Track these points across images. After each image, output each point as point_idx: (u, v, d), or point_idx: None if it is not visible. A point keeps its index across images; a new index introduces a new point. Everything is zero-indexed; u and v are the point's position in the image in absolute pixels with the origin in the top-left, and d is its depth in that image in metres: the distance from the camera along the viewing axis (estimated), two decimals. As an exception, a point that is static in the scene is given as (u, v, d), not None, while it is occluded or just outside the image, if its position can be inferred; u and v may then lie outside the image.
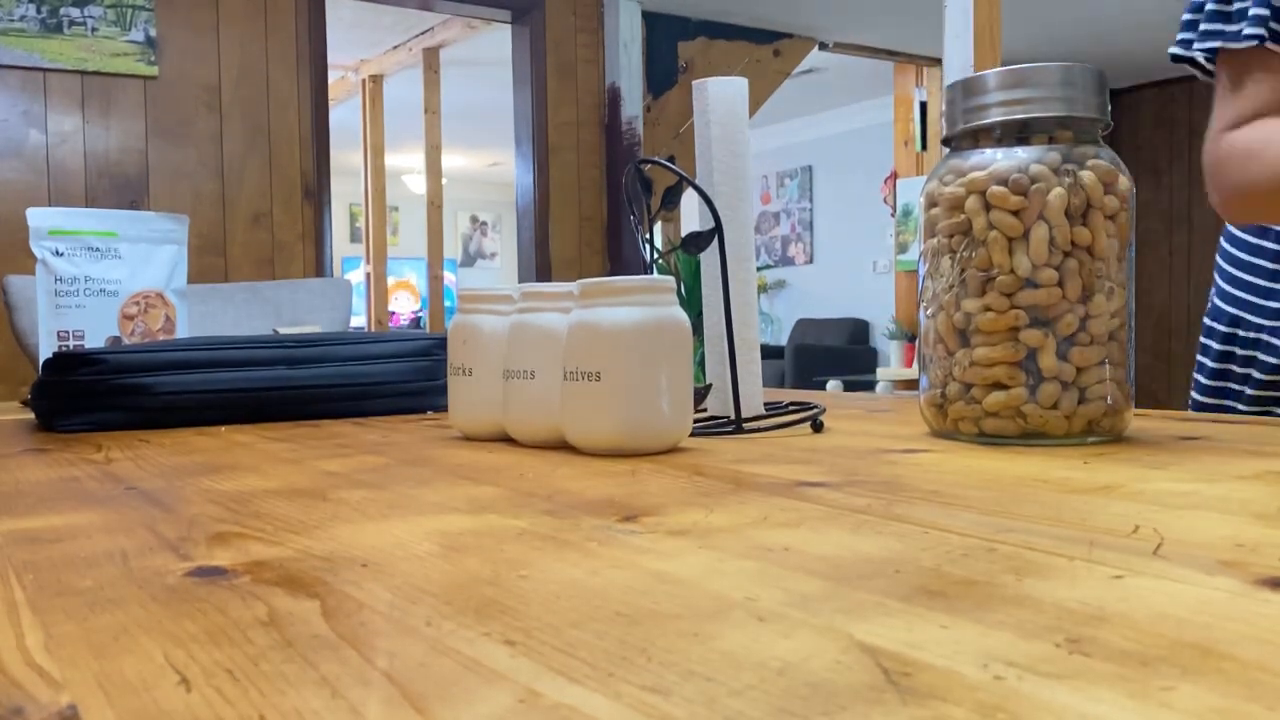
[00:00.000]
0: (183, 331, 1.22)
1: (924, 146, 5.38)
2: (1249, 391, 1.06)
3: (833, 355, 6.82)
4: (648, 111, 4.25)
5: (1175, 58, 0.98)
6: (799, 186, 7.98)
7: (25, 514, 0.45)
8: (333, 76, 5.67)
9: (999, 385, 0.59)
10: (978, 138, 0.62)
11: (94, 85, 3.11)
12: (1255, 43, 0.89)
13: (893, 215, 5.71)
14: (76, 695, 0.22)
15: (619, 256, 4.08)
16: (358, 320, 6.42)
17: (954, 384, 0.61)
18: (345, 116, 6.56)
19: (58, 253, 1.14)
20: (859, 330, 7.36)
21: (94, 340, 1.15)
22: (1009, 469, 0.50)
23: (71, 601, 0.30)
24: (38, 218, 1.14)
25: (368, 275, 5.87)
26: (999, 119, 0.60)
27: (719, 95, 0.77)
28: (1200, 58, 0.95)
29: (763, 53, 4.62)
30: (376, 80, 5.93)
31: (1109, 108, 0.62)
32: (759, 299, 4.02)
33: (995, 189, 0.59)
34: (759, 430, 0.71)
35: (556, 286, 0.66)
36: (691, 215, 6.49)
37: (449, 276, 10.06)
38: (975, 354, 0.60)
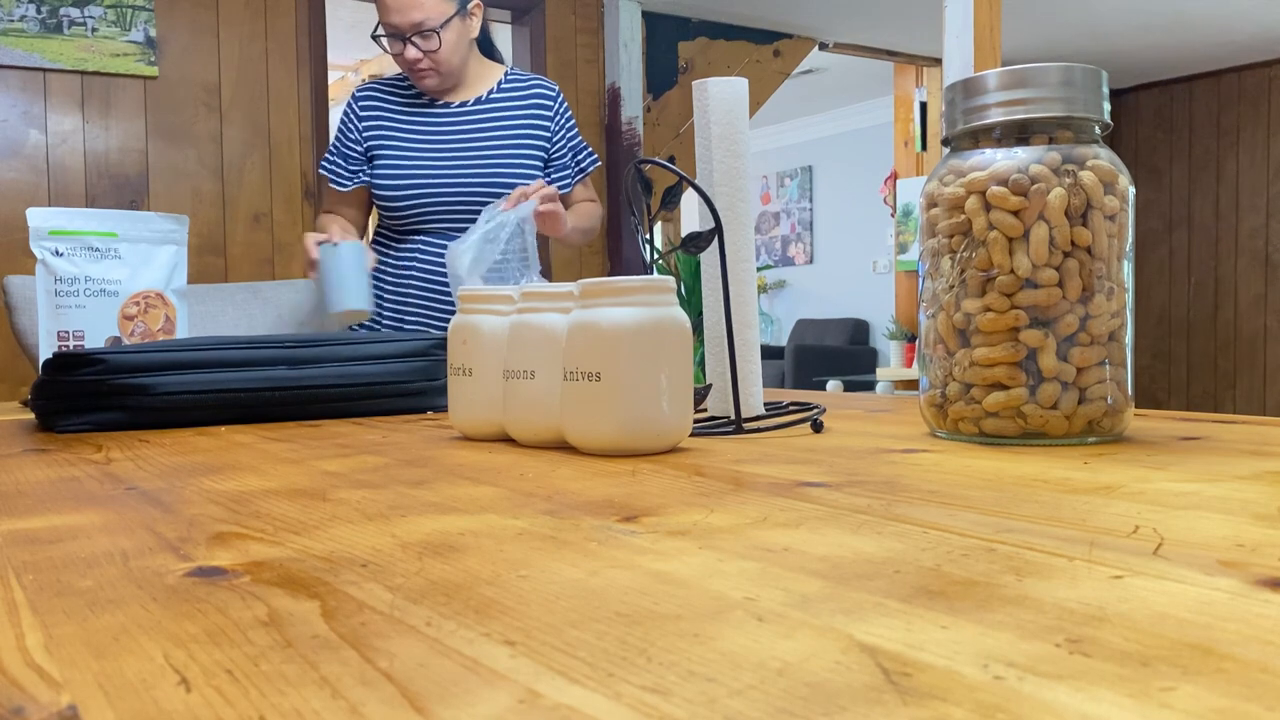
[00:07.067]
0: (183, 331, 1.22)
1: (924, 146, 5.37)
2: None
3: (833, 355, 6.81)
4: (648, 111, 4.25)
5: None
6: (799, 186, 7.97)
7: (25, 514, 0.45)
8: (333, 76, 5.67)
9: (999, 385, 0.59)
10: (978, 138, 0.62)
11: (94, 85, 3.11)
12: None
13: (893, 215, 5.71)
14: (76, 695, 0.22)
15: (619, 256, 4.07)
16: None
17: (954, 384, 0.61)
18: (345, 117, 6.54)
19: (58, 253, 1.14)
20: (859, 330, 7.36)
21: (94, 340, 1.15)
22: (1009, 469, 0.50)
23: (71, 601, 0.30)
24: (38, 218, 1.14)
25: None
26: (999, 119, 0.60)
27: (719, 95, 0.77)
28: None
29: (763, 53, 4.62)
30: (376, 80, 5.91)
31: (1109, 108, 0.62)
32: (759, 299, 4.02)
33: (995, 189, 0.59)
34: (759, 430, 0.71)
35: (556, 286, 0.66)
36: (691, 215, 6.49)
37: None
38: (975, 354, 0.60)
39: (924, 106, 5.38)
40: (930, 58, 5.21)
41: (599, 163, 1.87)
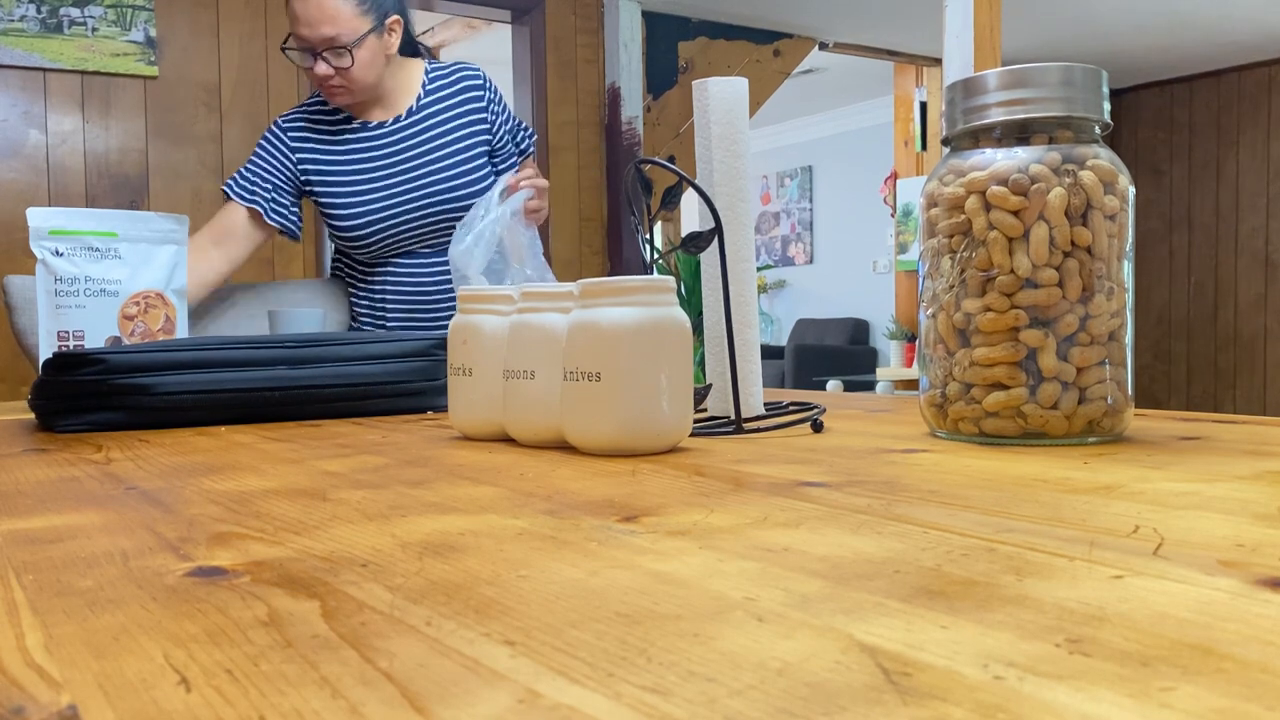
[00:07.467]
0: (182, 331, 1.22)
1: (924, 146, 5.37)
2: None
3: (833, 355, 6.82)
4: (648, 111, 4.25)
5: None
6: (799, 186, 7.97)
7: (25, 514, 0.45)
8: (333, 76, 5.66)
9: (999, 385, 0.59)
10: (978, 138, 0.62)
11: (94, 85, 3.11)
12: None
13: (893, 215, 5.70)
14: (76, 695, 0.22)
15: (619, 256, 4.07)
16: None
17: (954, 384, 0.61)
18: (345, 116, 6.54)
19: (58, 253, 1.14)
20: (859, 330, 7.36)
21: (94, 340, 1.15)
22: (1009, 469, 0.50)
23: (71, 601, 0.30)
24: (38, 218, 1.14)
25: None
26: (999, 119, 0.60)
27: (719, 95, 0.77)
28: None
29: (763, 53, 4.62)
30: (376, 80, 5.91)
31: (1109, 108, 0.62)
32: (759, 299, 4.02)
33: (995, 189, 0.59)
34: (759, 430, 0.71)
35: (556, 286, 0.66)
36: (691, 215, 6.49)
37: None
38: (975, 354, 0.60)
39: (924, 106, 5.38)
40: (930, 58, 5.20)
41: (535, 136, 1.81)
